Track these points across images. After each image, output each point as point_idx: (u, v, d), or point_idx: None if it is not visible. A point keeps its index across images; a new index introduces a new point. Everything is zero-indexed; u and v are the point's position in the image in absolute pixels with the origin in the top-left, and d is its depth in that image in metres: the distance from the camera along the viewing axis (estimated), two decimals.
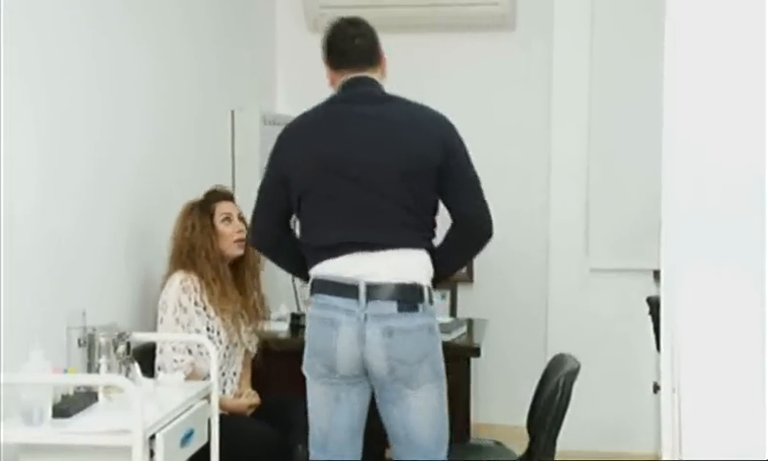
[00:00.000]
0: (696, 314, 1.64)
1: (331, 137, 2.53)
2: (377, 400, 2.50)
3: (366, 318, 2.40)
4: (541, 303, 4.42)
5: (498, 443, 3.12)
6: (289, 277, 4.42)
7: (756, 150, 1.61)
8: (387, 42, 4.44)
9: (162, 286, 2.98)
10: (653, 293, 3.68)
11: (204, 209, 3.07)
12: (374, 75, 2.65)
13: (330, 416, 2.48)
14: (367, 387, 2.50)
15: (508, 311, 4.40)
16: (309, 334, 2.49)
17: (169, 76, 3.37)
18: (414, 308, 2.45)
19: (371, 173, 2.46)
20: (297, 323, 3.67)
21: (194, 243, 3.00)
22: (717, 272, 1.64)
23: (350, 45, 2.62)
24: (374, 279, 2.41)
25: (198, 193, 3.13)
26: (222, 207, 3.10)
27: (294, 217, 2.63)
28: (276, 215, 2.60)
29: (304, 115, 2.64)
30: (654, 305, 3.25)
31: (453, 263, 2.68)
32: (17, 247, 2.37)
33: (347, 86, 2.60)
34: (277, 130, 4.21)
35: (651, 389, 3.90)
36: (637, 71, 4.24)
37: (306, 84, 4.57)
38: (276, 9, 4.63)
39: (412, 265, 2.48)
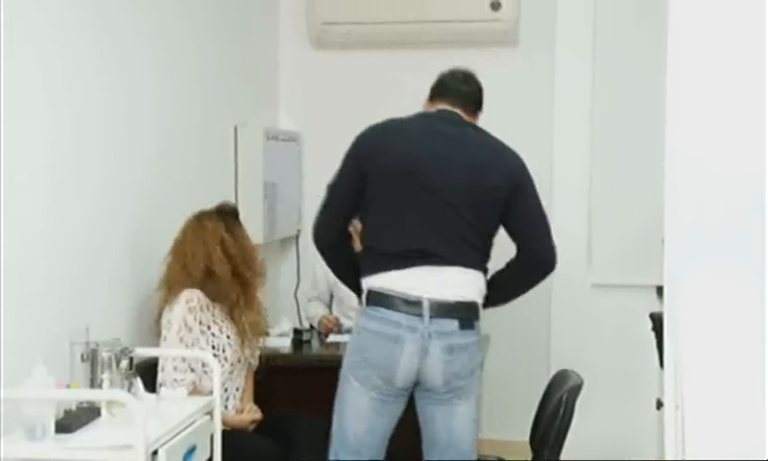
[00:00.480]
0: (699, 329, 1.64)
1: (414, 146, 2.61)
2: (421, 407, 2.60)
3: (430, 335, 2.51)
4: (544, 318, 4.42)
5: (502, 459, 3.11)
6: (291, 291, 4.44)
7: (757, 164, 1.62)
8: (390, 59, 4.52)
9: (166, 302, 2.96)
10: (656, 309, 3.67)
11: (237, 220, 3.07)
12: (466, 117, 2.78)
13: (371, 424, 2.57)
14: (407, 398, 2.61)
15: (510, 326, 4.38)
16: (364, 346, 2.56)
17: (173, 92, 3.39)
18: (471, 326, 2.59)
19: (447, 188, 2.56)
20: (299, 338, 3.67)
21: (246, 251, 3.00)
22: (720, 286, 1.64)
23: (456, 85, 2.81)
24: (438, 297, 2.51)
25: (202, 208, 3.12)
26: (238, 228, 3.08)
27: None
28: (346, 213, 2.67)
29: (391, 120, 2.72)
30: (657, 321, 3.25)
31: (513, 291, 2.83)
32: (21, 262, 2.37)
33: (437, 112, 2.74)
34: (280, 145, 4.29)
35: (654, 405, 3.90)
36: (640, 86, 4.25)
37: (309, 100, 4.64)
38: (279, 25, 4.65)
39: (471, 283, 2.60)
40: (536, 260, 2.72)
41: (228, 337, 2.98)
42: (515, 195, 2.64)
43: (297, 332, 3.71)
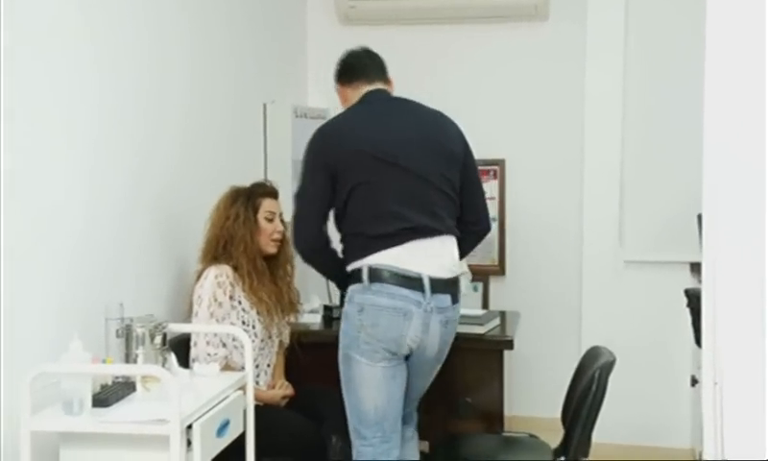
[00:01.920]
0: (737, 305, 1.62)
1: (379, 131, 2.72)
2: (409, 373, 2.74)
3: (431, 310, 2.65)
4: (575, 295, 4.39)
5: (533, 435, 3.11)
6: None
7: None
8: (418, 35, 4.49)
9: (197, 279, 2.99)
10: (690, 285, 3.64)
11: (249, 201, 3.06)
12: (388, 88, 2.91)
13: (388, 393, 2.67)
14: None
15: (540, 304, 4.37)
16: (375, 323, 2.63)
17: (205, 69, 3.40)
18: (458, 300, 2.76)
19: (419, 162, 2.69)
20: (329, 315, 3.68)
21: (234, 234, 3.00)
22: (758, 262, 1.61)
23: (364, 61, 2.90)
24: (434, 274, 2.65)
25: (229, 185, 3.13)
26: (267, 204, 3.09)
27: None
28: (323, 216, 2.74)
29: (335, 118, 2.87)
30: (692, 298, 3.21)
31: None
32: (56, 240, 2.40)
33: (370, 95, 2.83)
34: (309, 122, 4.28)
35: (687, 383, 3.87)
36: (674, 59, 4.19)
37: None
38: (307, 2, 4.64)
39: (455, 257, 2.75)
40: (478, 224, 2.87)
41: (258, 313, 3.00)
42: (466, 157, 2.81)
43: (327, 309, 3.72)
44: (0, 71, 2.15)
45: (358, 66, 2.89)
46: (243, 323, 2.96)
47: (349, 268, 2.71)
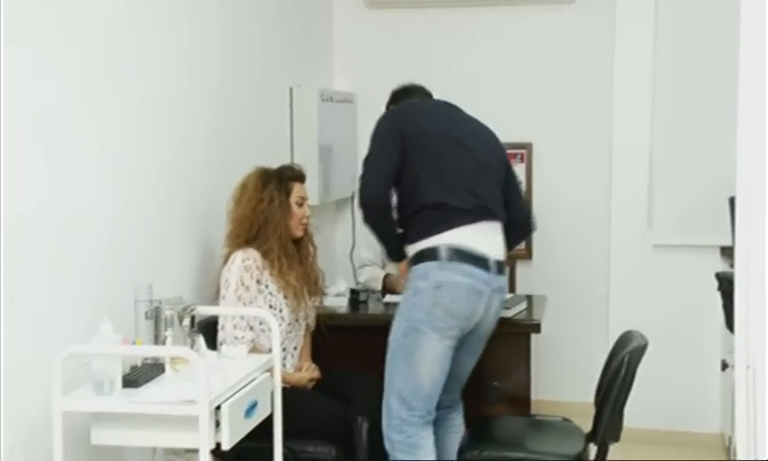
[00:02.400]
0: None
1: (446, 117, 2.92)
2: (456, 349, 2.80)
3: (494, 291, 2.79)
4: (603, 279, 4.36)
5: (566, 419, 3.10)
6: (347, 252, 4.47)
7: None
8: (444, 17, 4.47)
9: (224, 262, 3.00)
10: (719, 270, 3.60)
11: (282, 185, 3.05)
12: None
13: (443, 370, 2.76)
14: None
15: (568, 288, 4.34)
16: (453, 300, 2.71)
17: (234, 56, 3.41)
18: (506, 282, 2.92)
19: (481, 152, 2.85)
20: (356, 298, 3.69)
21: (269, 217, 2.98)
22: None
23: (417, 88, 3.21)
24: (495, 256, 2.79)
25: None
26: (298, 189, 3.09)
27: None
28: (390, 180, 2.80)
29: (408, 102, 3.07)
30: (723, 281, 3.17)
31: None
32: (86, 223, 2.42)
33: (426, 99, 3.15)
34: (335, 106, 4.29)
35: (717, 367, 3.83)
36: (705, 40, 4.14)
37: (363, 61, 4.62)
38: None
39: (503, 241, 2.88)
40: (523, 222, 3.02)
41: (285, 297, 3.01)
42: (507, 162, 3.01)
43: (353, 292, 3.72)
44: (39, 56, 2.17)
45: (411, 89, 3.15)
46: (270, 307, 2.97)
47: (421, 245, 2.75)
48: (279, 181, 3.06)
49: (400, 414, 2.73)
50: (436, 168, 2.76)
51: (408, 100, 3.09)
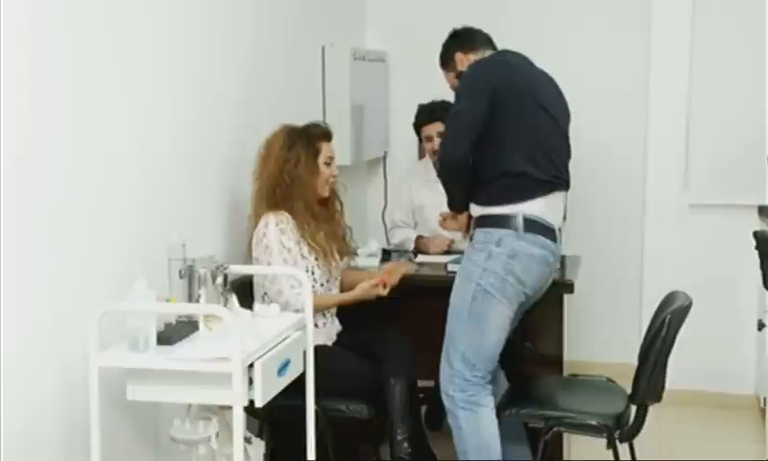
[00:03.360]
0: None
1: (533, 79, 2.86)
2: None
3: (557, 259, 2.92)
4: (637, 240, 4.31)
5: (610, 380, 3.08)
6: (379, 212, 4.46)
7: None
8: None
9: (254, 224, 2.97)
10: (756, 229, 3.53)
11: (310, 144, 3.01)
12: None
13: (505, 335, 2.83)
14: None
15: (601, 248, 4.30)
16: (527, 270, 2.77)
17: (265, 13, 3.38)
18: None
19: (559, 116, 2.87)
20: (388, 259, 3.68)
21: (296, 178, 2.96)
22: None
23: (483, 33, 3.09)
24: (560, 225, 2.87)
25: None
26: (326, 148, 3.05)
27: None
28: (475, 139, 2.76)
29: (496, 55, 2.97)
30: (761, 240, 3.12)
31: None
32: (119, 182, 2.44)
33: (505, 51, 2.97)
34: (367, 65, 4.25)
35: (753, 328, 3.78)
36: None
37: (396, 19, 4.56)
38: None
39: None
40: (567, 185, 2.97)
41: (316, 259, 3.00)
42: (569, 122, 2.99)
43: (386, 253, 3.72)
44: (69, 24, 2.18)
45: (479, 35, 3.05)
46: (305, 269, 2.96)
47: (496, 210, 2.77)
48: (307, 140, 3.02)
49: (464, 374, 2.78)
50: (523, 135, 2.75)
51: (479, 45, 3.00)
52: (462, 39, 3.06)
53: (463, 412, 2.78)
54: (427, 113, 3.86)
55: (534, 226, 2.75)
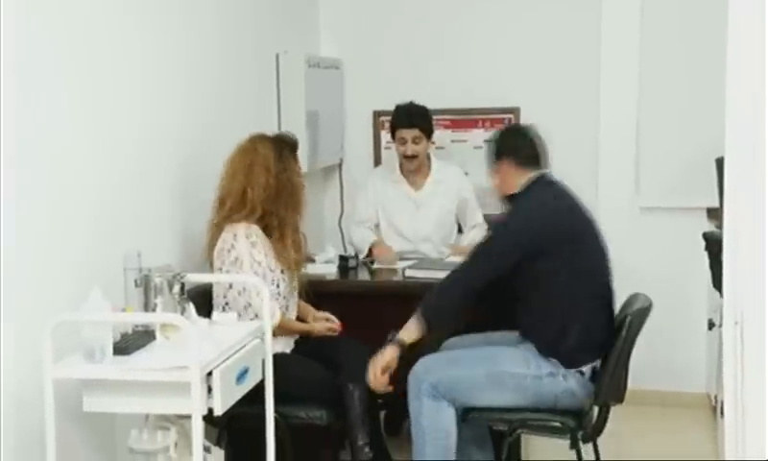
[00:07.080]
0: (758, 247, 1.61)
1: (568, 216, 3.03)
2: None
3: None
4: None
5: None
6: (335, 219, 4.46)
7: None
8: None
9: (215, 232, 2.92)
10: (705, 231, 3.62)
11: (292, 153, 2.99)
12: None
13: None
14: None
15: None
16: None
17: (219, 19, 3.37)
18: None
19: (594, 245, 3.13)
20: (345, 265, 3.69)
21: (288, 184, 2.92)
22: None
23: (544, 149, 3.11)
24: None
25: (244, 136, 3.07)
26: (291, 161, 2.99)
27: None
28: (488, 284, 2.87)
29: (536, 201, 3.01)
30: (711, 241, 3.20)
31: None
32: (74, 191, 2.41)
33: (542, 178, 3.04)
34: (322, 72, 4.26)
35: (704, 328, 3.87)
36: (693, 2, 4.12)
37: (350, 26, 4.57)
38: None
39: None
40: None
41: (282, 272, 2.97)
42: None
43: (342, 259, 3.72)
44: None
45: (542, 154, 3.04)
46: (271, 281, 2.91)
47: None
48: (291, 149, 2.99)
49: (441, 388, 2.86)
50: (562, 278, 2.86)
51: (528, 168, 3.00)
52: (521, 153, 3.03)
53: (427, 400, 2.82)
54: (406, 117, 3.86)
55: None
